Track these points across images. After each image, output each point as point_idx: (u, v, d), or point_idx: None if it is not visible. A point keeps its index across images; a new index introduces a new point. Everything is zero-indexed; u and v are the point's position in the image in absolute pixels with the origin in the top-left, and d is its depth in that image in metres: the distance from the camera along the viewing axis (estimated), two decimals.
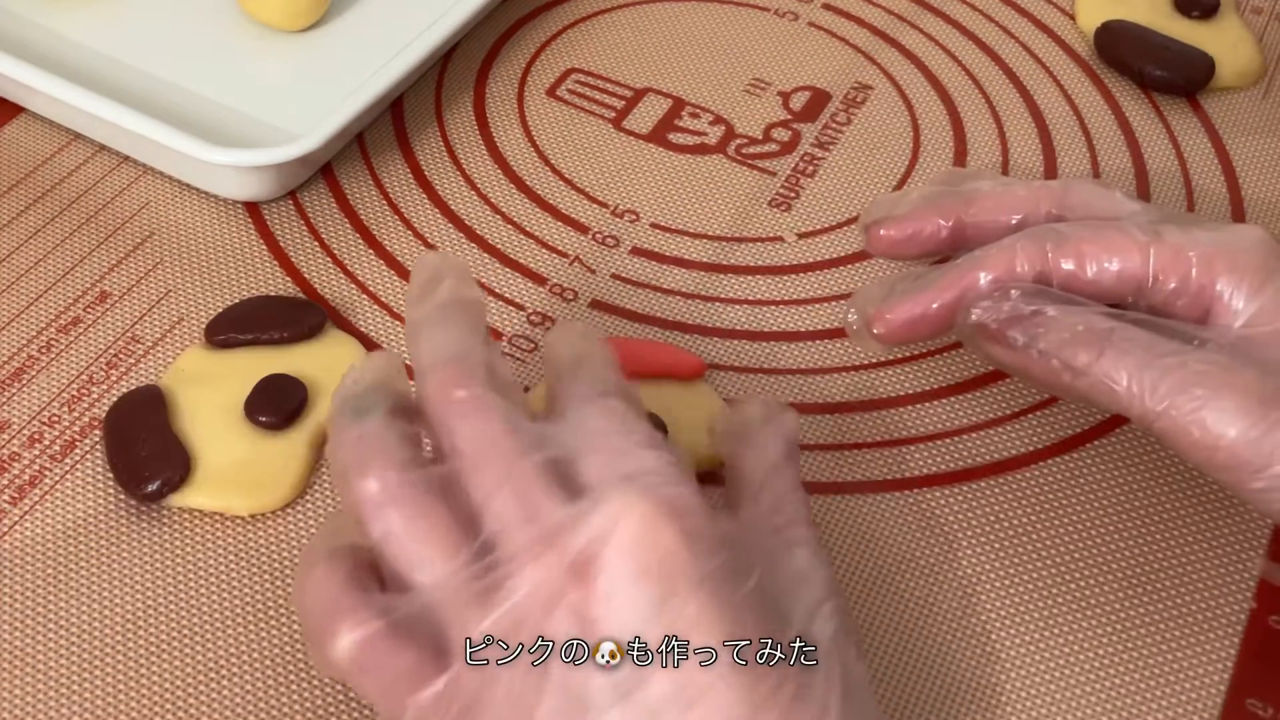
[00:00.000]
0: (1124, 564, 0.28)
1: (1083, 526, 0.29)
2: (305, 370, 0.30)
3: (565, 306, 0.33)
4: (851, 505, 0.29)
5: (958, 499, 0.29)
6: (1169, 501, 0.29)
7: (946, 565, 0.28)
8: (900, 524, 0.29)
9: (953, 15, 0.42)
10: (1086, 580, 0.28)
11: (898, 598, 0.27)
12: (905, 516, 0.29)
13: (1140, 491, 0.29)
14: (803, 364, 0.32)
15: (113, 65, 0.36)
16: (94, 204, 0.34)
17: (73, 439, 0.29)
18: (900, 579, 0.28)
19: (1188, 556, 0.28)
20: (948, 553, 0.28)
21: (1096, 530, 0.29)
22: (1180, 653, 0.27)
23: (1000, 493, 0.29)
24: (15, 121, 0.36)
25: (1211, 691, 0.26)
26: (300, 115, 0.35)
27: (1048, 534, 0.29)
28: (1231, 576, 0.28)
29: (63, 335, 0.31)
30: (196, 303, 0.32)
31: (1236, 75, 0.39)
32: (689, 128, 0.37)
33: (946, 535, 0.28)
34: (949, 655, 0.27)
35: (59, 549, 0.27)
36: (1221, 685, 0.26)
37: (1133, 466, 0.30)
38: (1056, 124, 0.38)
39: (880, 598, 0.27)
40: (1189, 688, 0.26)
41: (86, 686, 0.25)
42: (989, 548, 0.28)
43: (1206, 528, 0.29)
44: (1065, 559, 0.28)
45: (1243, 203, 0.36)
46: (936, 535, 0.28)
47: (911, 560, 0.28)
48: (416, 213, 0.35)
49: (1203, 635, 0.27)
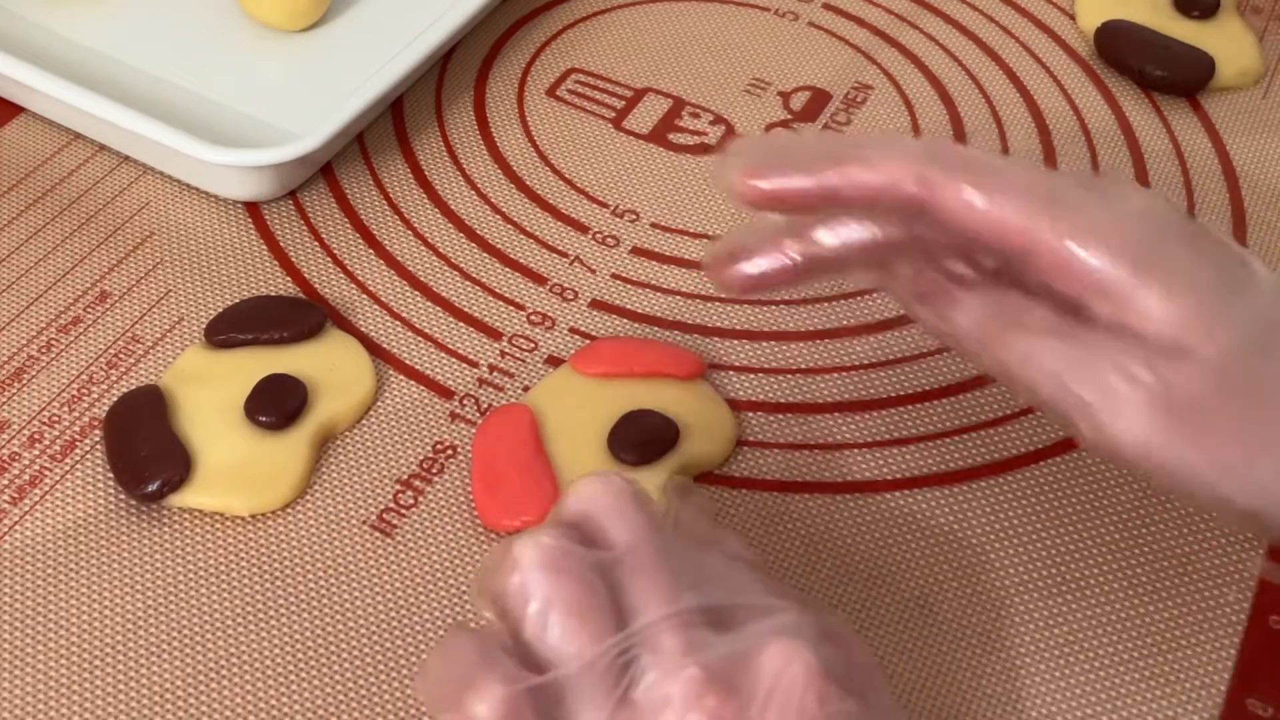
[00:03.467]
0: (1124, 564, 0.28)
1: (1083, 526, 0.29)
2: (305, 370, 0.30)
3: (565, 306, 0.33)
4: (851, 505, 0.29)
5: (958, 499, 0.29)
6: (1169, 502, 0.29)
7: (947, 565, 0.28)
8: (900, 524, 0.29)
9: (953, 15, 0.42)
10: (1087, 580, 0.28)
11: (897, 598, 0.27)
12: (905, 516, 0.29)
13: (1140, 492, 0.29)
14: (801, 364, 0.32)
15: (112, 65, 0.36)
16: (94, 204, 0.34)
17: (73, 439, 0.29)
18: (900, 579, 0.28)
19: (1188, 556, 0.28)
20: (948, 553, 0.28)
21: (1097, 530, 0.29)
22: (1181, 652, 0.27)
23: (1000, 493, 0.29)
24: (15, 122, 0.36)
25: (1212, 690, 0.26)
26: (300, 115, 0.35)
27: (1048, 534, 0.29)
28: (1231, 576, 0.28)
29: (63, 335, 0.31)
30: (196, 303, 0.32)
31: (1236, 75, 0.39)
32: (689, 127, 0.37)
33: (947, 535, 0.28)
34: (948, 655, 0.27)
35: (59, 549, 0.27)
36: (1222, 684, 0.26)
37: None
38: (1057, 124, 0.38)
39: (880, 597, 0.27)
40: (1190, 687, 0.26)
41: (87, 686, 0.25)
42: (989, 548, 0.28)
43: (1206, 528, 0.29)
44: (1066, 559, 0.28)
45: (1243, 202, 0.36)
46: (937, 535, 0.28)
47: (911, 560, 0.28)
48: (417, 213, 0.35)
49: (1203, 634, 0.27)
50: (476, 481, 0.28)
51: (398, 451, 0.29)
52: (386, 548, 0.28)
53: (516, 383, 0.31)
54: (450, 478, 0.29)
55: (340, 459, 0.29)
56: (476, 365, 0.31)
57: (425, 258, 0.33)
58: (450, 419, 0.30)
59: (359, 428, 0.30)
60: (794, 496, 0.29)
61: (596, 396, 0.30)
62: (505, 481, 0.28)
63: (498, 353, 0.31)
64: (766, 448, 0.30)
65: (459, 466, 0.29)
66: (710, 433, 0.29)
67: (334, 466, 0.29)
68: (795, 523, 0.28)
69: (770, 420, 0.30)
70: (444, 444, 0.29)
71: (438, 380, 0.31)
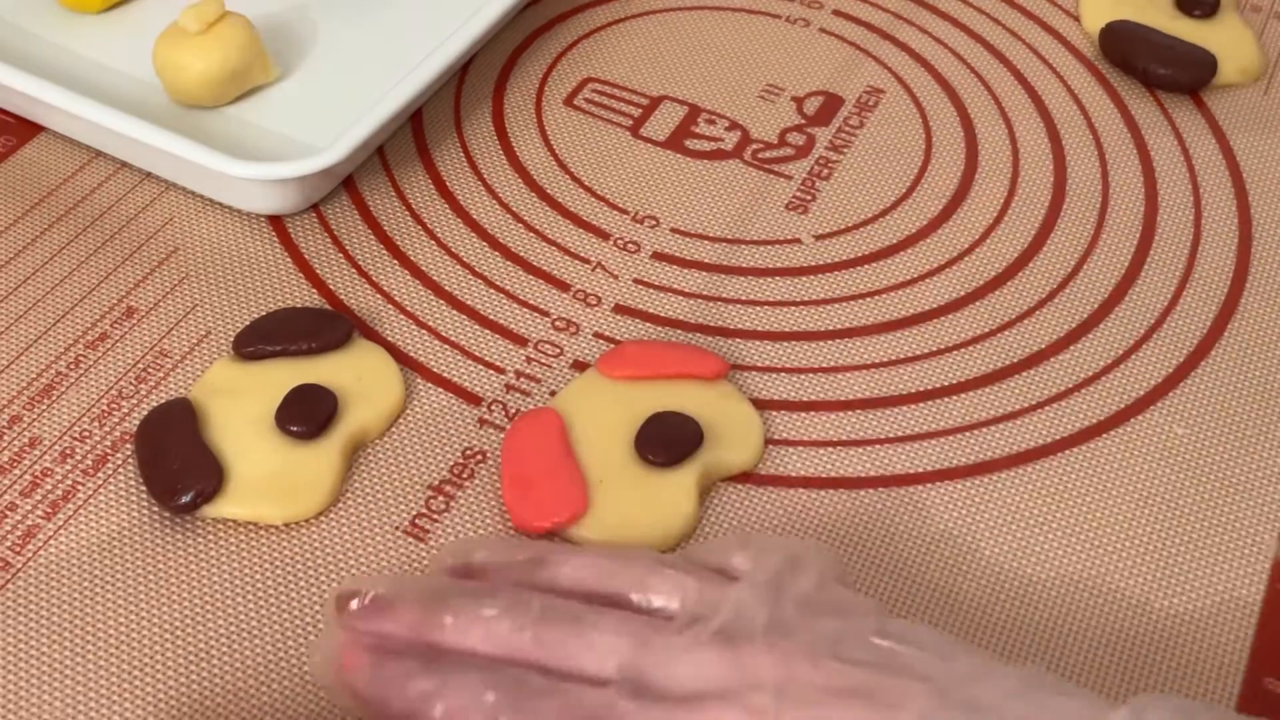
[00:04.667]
0: (1141, 550, 0.29)
1: (1099, 515, 0.29)
2: (334, 380, 0.30)
3: (589, 311, 0.33)
4: (874, 499, 0.29)
5: (980, 491, 0.29)
6: (1183, 488, 0.30)
7: (968, 556, 0.28)
8: (921, 516, 0.29)
9: (960, 19, 0.42)
10: (1104, 567, 0.28)
11: (921, 588, 0.28)
12: (926, 509, 0.29)
13: (1154, 479, 0.30)
14: (822, 363, 0.32)
15: (131, 82, 0.36)
16: (117, 221, 0.34)
17: (104, 453, 0.29)
18: (923, 570, 0.28)
19: (1204, 541, 0.29)
20: (969, 543, 0.28)
21: (1112, 518, 0.29)
22: (1198, 634, 0.27)
23: (1020, 484, 0.30)
24: (36, 141, 0.36)
25: (1230, 671, 0.27)
26: (322, 129, 0.35)
27: (1065, 523, 0.29)
28: (1247, 559, 0.28)
29: (90, 351, 0.31)
30: (223, 316, 0.32)
31: (1238, 72, 0.40)
32: (705, 134, 0.38)
33: (968, 526, 0.29)
34: (972, 640, 0.27)
35: (94, 562, 0.27)
36: (1240, 665, 0.27)
37: (1147, 455, 0.30)
38: (1064, 124, 0.39)
39: (903, 589, 0.28)
40: (1208, 668, 0.27)
41: (126, 698, 0.25)
42: (1008, 537, 0.29)
43: (1221, 513, 0.29)
44: (1083, 547, 0.29)
45: (1247, 196, 0.37)
46: (958, 526, 0.29)
47: (934, 551, 0.28)
48: (439, 223, 0.35)
49: (1220, 617, 0.27)
50: (507, 485, 0.28)
51: (428, 458, 0.29)
52: (420, 553, 0.28)
53: (543, 387, 0.31)
54: (480, 482, 0.29)
55: (372, 467, 0.29)
56: (503, 371, 0.31)
57: (449, 267, 0.34)
58: (479, 425, 0.30)
59: (389, 435, 0.30)
60: (820, 493, 0.29)
61: (622, 399, 0.30)
62: (535, 484, 0.28)
63: (524, 358, 0.32)
64: (792, 445, 0.30)
65: (489, 471, 0.29)
66: (738, 433, 0.30)
67: (366, 474, 0.29)
68: (822, 518, 0.29)
69: (794, 419, 0.31)
70: (473, 449, 0.30)
71: (465, 387, 0.31)
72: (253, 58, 0.36)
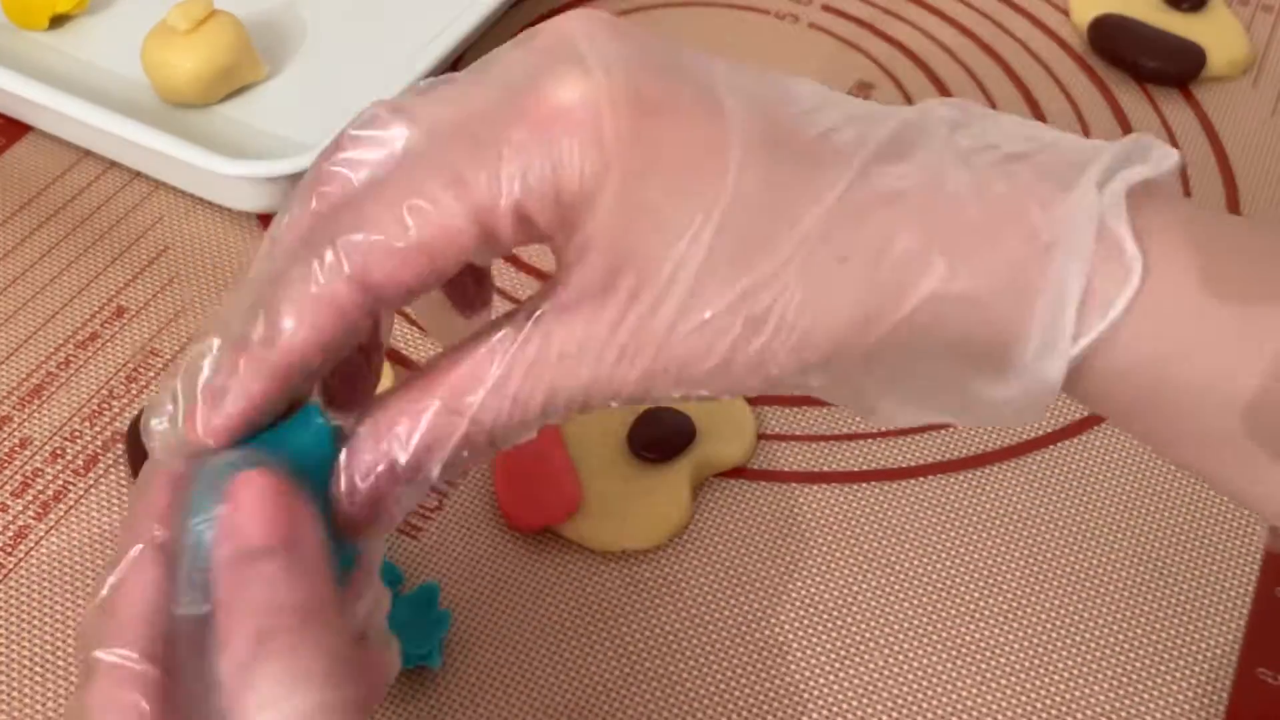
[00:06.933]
0: (1134, 543, 0.29)
1: (1092, 508, 0.29)
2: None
3: None
4: (866, 493, 0.29)
5: (974, 484, 0.30)
6: (1175, 481, 0.30)
7: (960, 549, 0.28)
8: (914, 510, 0.29)
9: (950, 13, 0.42)
10: (1098, 559, 0.28)
11: (914, 582, 0.28)
12: (919, 503, 0.29)
13: (1147, 472, 0.30)
14: None
15: (120, 81, 0.36)
16: (106, 220, 0.34)
17: (95, 453, 0.29)
18: (916, 563, 0.28)
19: (1195, 533, 0.29)
20: (961, 537, 0.29)
21: (1106, 511, 0.29)
22: (1191, 626, 0.27)
23: (1014, 477, 0.30)
24: (24, 140, 0.36)
25: (1223, 662, 0.27)
26: (311, 126, 0.35)
27: (1059, 516, 0.29)
28: (1238, 551, 0.29)
29: (81, 351, 0.31)
30: None
31: (1226, 65, 0.40)
32: None
33: (960, 520, 0.29)
34: (967, 638, 0.27)
35: (84, 562, 0.27)
36: (1232, 656, 0.27)
37: (1140, 448, 0.30)
38: (1054, 117, 0.39)
39: (896, 582, 0.28)
40: (1201, 659, 0.27)
41: None
42: (1001, 531, 0.29)
43: (1212, 505, 0.29)
44: (1077, 539, 0.29)
45: (1236, 186, 0.37)
46: (950, 521, 0.29)
47: (926, 545, 0.28)
48: None
49: (1212, 608, 0.28)
50: (500, 482, 0.28)
51: None
52: (412, 549, 0.28)
53: None
54: (472, 479, 0.29)
55: None
56: None
57: None
58: None
59: None
60: (812, 487, 0.29)
61: None
62: (528, 482, 0.28)
63: None
64: (784, 440, 0.30)
65: (481, 468, 0.29)
66: (731, 428, 0.30)
67: None
68: (815, 512, 0.29)
69: (786, 413, 0.31)
70: None
71: None
72: (241, 56, 0.36)
